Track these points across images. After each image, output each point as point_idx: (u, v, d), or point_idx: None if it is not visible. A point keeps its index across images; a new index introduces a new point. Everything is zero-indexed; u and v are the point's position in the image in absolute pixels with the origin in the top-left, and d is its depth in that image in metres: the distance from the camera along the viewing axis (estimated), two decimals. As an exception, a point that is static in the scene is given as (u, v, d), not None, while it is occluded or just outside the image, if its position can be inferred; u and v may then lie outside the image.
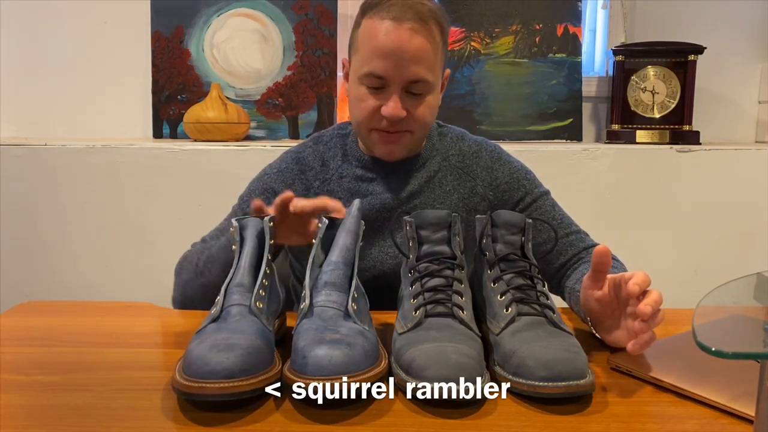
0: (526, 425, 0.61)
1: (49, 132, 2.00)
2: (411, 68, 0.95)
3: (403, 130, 0.99)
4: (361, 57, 0.98)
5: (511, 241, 0.81)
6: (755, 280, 0.62)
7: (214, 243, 0.97)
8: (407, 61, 0.94)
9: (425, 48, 0.95)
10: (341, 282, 0.73)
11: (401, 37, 0.93)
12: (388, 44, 0.93)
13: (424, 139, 1.07)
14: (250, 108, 1.94)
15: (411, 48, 0.93)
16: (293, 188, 1.08)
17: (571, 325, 0.91)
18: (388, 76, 0.95)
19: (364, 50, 0.97)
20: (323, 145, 1.11)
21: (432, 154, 1.09)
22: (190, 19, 1.94)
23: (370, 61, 0.95)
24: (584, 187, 1.72)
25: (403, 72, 0.95)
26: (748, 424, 0.60)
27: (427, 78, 0.96)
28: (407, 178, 1.07)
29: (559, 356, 0.65)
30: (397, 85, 0.96)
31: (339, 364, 0.61)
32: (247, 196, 1.09)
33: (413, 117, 0.99)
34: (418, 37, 0.94)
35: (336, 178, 1.08)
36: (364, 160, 1.07)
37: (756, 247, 1.77)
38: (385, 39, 0.93)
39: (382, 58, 0.94)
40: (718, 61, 1.96)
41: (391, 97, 0.96)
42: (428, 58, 0.96)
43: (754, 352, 0.48)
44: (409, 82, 0.96)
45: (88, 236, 1.76)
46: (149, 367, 0.76)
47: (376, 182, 1.06)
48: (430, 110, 1.01)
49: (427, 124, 1.02)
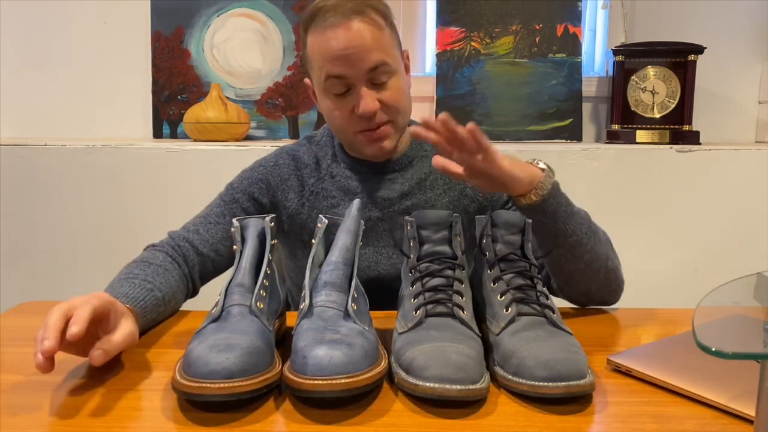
0: (525, 425, 0.61)
1: (49, 132, 2.00)
2: (366, 58, 0.95)
3: (383, 122, 0.99)
4: (318, 69, 0.99)
5: (511, 241, 0.81)
6: (755, 280, 0.62)
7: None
8: (360, 53, 0.95)
9: (372, 35, 0.96)
10: (341, 282, 0.73)
11: (346, 35, 0.94)
12: (336, 47, 0.95)
13: (406, 126, 1.06)
14: (250, 108, 1.94)
15: (359, 41, 0.94)
16: (288, 183, 1.08)
17: (574, 326, 0.91)
18: (348, 74, 0.96)
19: (317, 63, 0.98)
20: (315, 144, 1.12)
21: (420, 153, 1.09)
22: (190, 19, 1.94)
23: (327, 67, 0.96)
24: (584, 187, 1.72)
25: (360, 65, 0.95)
26: (748, 424, 0.60)
27: (385, 60, 0.97)
28: (396, 177, 1.07)
29: (559, 356, 0.65)
30: (360, 81, 0.96)
31: (339, 364, 0.61)
32: (239, 184, 1.09)
33: (387, 105, 0.99)
34: (362, 27, 0.95)
35: (328, 177, 1.08)
36: (350, 162, 1.08)
37: (756, 247, 1.77)
38: (332, 44, 0.95)
39: (336, 60, 0.95)
40: (718, 61, 1.96)
41: (359, 94, 0.97)
42: (379, 43, 0.96)
43: (754, 352, 0.48)
44: (369, 71, 0.96)
45: (88, 236, 1.76)
46: (149, 367, 0.76)
47: (366, 182, 1.07)
48: (401, 93, 1.01)
49: (403, 108, 1.02)
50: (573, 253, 0.92)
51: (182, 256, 1.00)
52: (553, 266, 0.95)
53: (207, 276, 1.04)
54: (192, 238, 1.01)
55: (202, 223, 1.04)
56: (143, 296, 0.85)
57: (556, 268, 0.95)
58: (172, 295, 0.93)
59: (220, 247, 1.03)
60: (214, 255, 1.02)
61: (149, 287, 0.87)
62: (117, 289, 0.84)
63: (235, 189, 1.09)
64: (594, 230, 0.94)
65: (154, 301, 0.87)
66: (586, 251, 0.92)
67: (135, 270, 0.91)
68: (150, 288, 0.87)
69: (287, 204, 1.08)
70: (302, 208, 1.08)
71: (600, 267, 0.94)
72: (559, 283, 0.98)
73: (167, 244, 1.00)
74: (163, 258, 0.96)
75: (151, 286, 0.88)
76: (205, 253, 1.01)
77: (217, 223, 1.04)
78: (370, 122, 0.99)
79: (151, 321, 0.87)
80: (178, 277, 0.96)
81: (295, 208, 1.08)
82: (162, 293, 0.89)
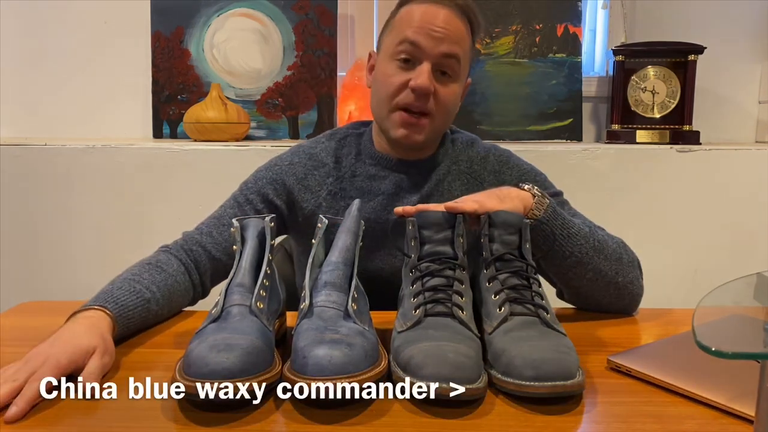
0: (525, 425, 0.61)
1: (49, 132, 2.00)
2: (446, 42, 0.98)
3: (426, 112, 1.00)
4: (397, 33, 1.00)
5: (508, 241, 0.81)
6: (755, 280, 0.62)
7: None
8: (444, 36, 0.97)
9: (459, 29, 0.99)
10: (341, 282, 0.73)
11: (438, 14, 0.98)
12: (429, 18, 0.98)
13: (442, 132, 1.07)
14: (250, 108, 1.94)
15: (446, 25, 0.98)
16: (304, 182, 1.06)
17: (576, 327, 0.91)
18: (425, 46, 0.97)
19: (401, 27, 1.00)
20: (337, 141, 1.10)
21: (443, 158, 1.09)
22: (190, 19, 1.94)
23: (408, 32, 0.98)
24: (584, 187, 1.72)
25: (439, 44, 0.97)
26: (748, 424, 0.60)
27: (459, 56, 0.99)
28: (418, 180, 1.06)
29: (547, 356, 0.65)
30: (429, 59, 0.98)
31: (339, 364, 0.61)
32: (253, 184, 1.07)
33: (438, 98, 0.99)
34: (454, 19, 0.99)
35: (349, 176, 1.07)
36: (378, 156, 1.07)
37: (756, 247, 1.77)
38: (422, 16, 0.98)
39: (422, 29, 0.98)
40: (718, 61, 1.96)
41: (422, 69, 0.98)
42: (463, 41, 1.00)
43: (754, 352, 0.48)
44: (442, 56, 0.98)
45: (88, 236, 1.76)
46: (149, 367, 0.76)
47: (387, 181, 1.06)
48: (454, 97, 1.02)
49: (448, 111, 1.03)
50: (574, 272, 0.92)
51: (194, 261, 0.98)
52: (559, 280, 0.96)
53: (219, 278, 1.01)
54: (205, 242, 1.00)
55: (216, 225, 1.02)
56: (134, 305, 0.84)
57: (562, 283, 0.96)
58: (169, 309, 0.93)
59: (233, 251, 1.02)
60: (227, 258, 0.99)
61: (147, 297, 0.87)
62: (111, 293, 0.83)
63: (249, 189, 1.06)
64: (599, 248, 0.92)
65: (143, 313, 0.86)
66: (589, 269, 0.91)
67: (144, 274, 0.90)
68: (147, 298, 0.86)
69: (304, 204, 1.06)
70: (319, 209, 1.05)
71: (608, 283, 0.93)
72: (568, 295, 0.98)
73: (181, 248, 0.99)
74: (177, 267, 0.95)
75: (149, 296, 0.87)
76: (218, 257, 0.99)
77: (230, 225, 1.03)
78: (417, 101, 0.99)
79: (133, 329, 0.86)
80: (184, 289, 0.95)
81: (311, 209, 1.06)
82: (158, 307, 0.89)
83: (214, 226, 1.02)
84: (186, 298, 0.97)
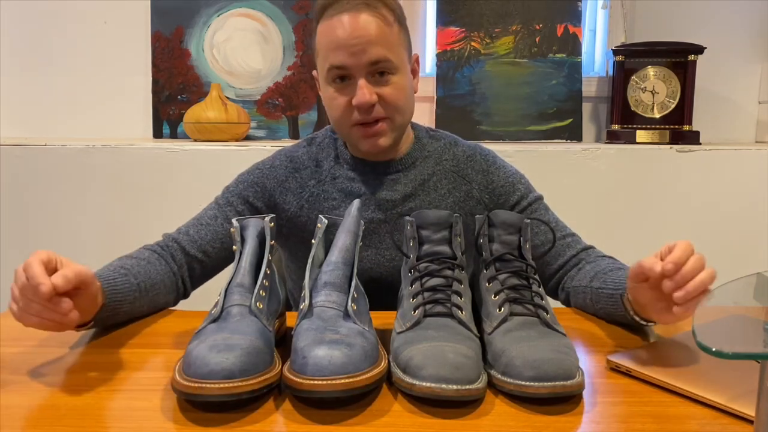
0: (525, 425, 0.61)
1: (49, 132, 2.00)
2: (368, 51, 0.96)
3: (379, 117, 0.99)
4: (323, 57, 0.99)
5: (508, 241, 0.81)
6: (755, 280, 0.62)
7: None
8: (363, 44, 0.95)
9: (379, 29, 0.96)
10: (341, 282, 0.73)
11: (352, 24, 0.95)
12: (342, 35, 0.95)
13: (405, 128, 1.06)
14: (250, 108, 1.94)
15: (364, 32, 0.95)
16: (285, 185, 1.08)
17: (577, 325, 0.91)
18: (349, 64, 0.96)
19: (323, 51, 0.99)
20: (316, 146, 1.11)
21: (422, 154, 1.08)
22: (190, 19, 1.94)
23: (330, 57, 0.97)
24: (584, 187, 1.72)
25: (361, 56, 0.96)
26: (748, 424, 0.60)
27: (388, 56, 0.97)
28: (399, 179, 1.06)
29: (547, 356, 0.65)
30: (360, 72, 0.97)
31: (339, 364, 0.61)
32: (234, 187, 1.09)
33: (385, 100, 0.99)
34: (370, 20, 0.96)
35: (329, 179, 1.07)
36: (353, 162, 1.07)
37: (756, 247, 1.77)
38: (338, 32, 0.96)
39: (339, 49, 0.96)
40: (718, 61, 1.96)
41: (359, 86, 0.97)
42: (384, 38, 0.97)
43: (754, 352, 0.48)
44: (369, 64, 0.97)
45: (88, 236, 1.76)
46: (149, 367, 0.76)
47: (368, 184, 1.06)
48: (401, 92, 1.00)
49: (401, 107, 1.01)
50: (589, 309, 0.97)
51: (170, 254, 1.02)
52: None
53: (196, 277, 1.04)
54: (180, 239, 1.03)
55: (194, 224, 1.05)
56: (113, 277, 0.88)
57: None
58: (152, 284, 0.94)
59: (208, 249, 1.03)
60: (202, 256, 1.03)
61: (123, 272, 0.90)
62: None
63: (230, 192, 1.09)
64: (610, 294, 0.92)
65: (126, 285, 0.89)
66: (601, 315, 0.95)
67: (115, 262, 0.95)
68: (124, 273, 0.90)
69: (285, 207, 1.08)
70: (301, 211, 1.07)
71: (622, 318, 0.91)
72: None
73: (156, 244, 1.03)
74: (149, 254, 0.99)
75: (125, 272, 0.91)
76: (192, 253, 1.02)
77: (207, 224, 1.05)
78: (366, 115, 0.98)
79: (127, 305, 0.89)
80: (162, 270, 0.98)
81: (294, 210, 1.08)
82: (137, 280, 0.92)
83: (192, 225, 1.06)
84: (166, 283, 0.99)
